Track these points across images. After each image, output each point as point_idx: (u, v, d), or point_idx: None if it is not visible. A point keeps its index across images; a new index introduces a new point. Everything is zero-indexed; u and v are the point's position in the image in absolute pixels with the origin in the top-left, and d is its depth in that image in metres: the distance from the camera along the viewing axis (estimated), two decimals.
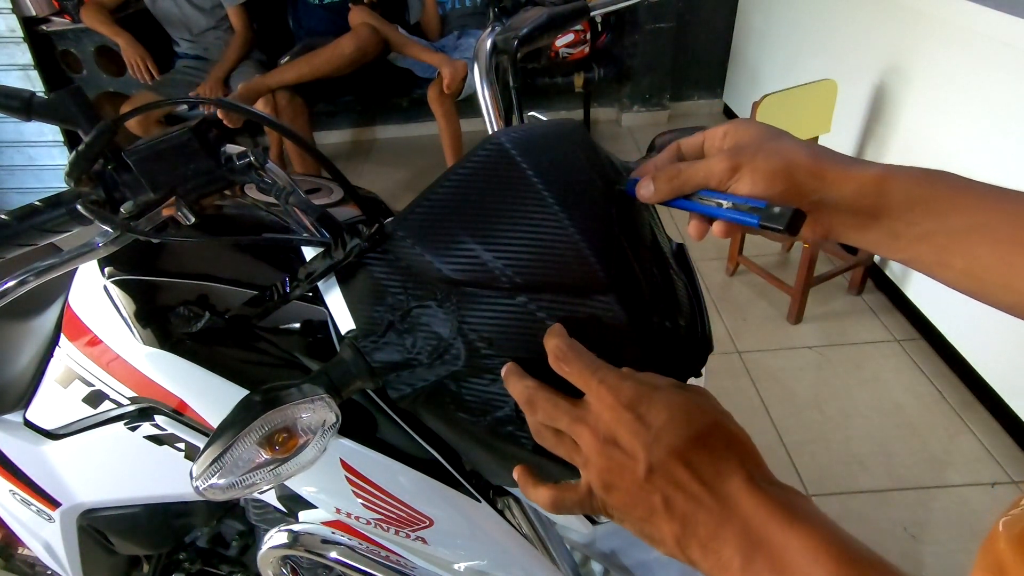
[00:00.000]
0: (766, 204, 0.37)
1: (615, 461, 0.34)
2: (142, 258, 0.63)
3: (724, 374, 1.88)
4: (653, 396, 0.35)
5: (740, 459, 0.33)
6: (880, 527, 1.45)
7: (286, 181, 0.52)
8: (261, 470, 0.45)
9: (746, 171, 0.38)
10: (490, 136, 0.49)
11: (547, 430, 0.39)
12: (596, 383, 0.37)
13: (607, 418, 0.35)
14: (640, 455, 0.33)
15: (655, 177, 0.42)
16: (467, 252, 0.45)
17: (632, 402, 0.35)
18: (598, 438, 0.35)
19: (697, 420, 0.34)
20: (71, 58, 2.84)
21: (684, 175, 0.41)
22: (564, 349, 0.40)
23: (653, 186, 0.42)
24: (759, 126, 0.41)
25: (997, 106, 1.59)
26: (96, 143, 0.44)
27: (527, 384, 0.40)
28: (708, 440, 0.34)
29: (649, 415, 0.34)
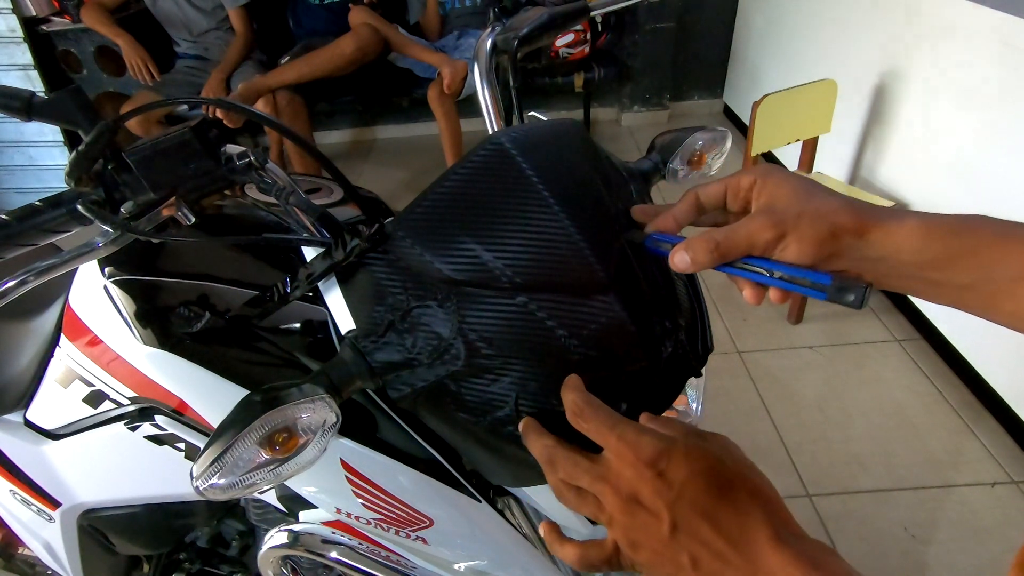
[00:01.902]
0: (831, 280, 0.36)
1: (639, 520, 0.34)
2: (142, 258, 0.63)
3: (724, 374, 1.88)
4: (673, 451, 0.35)
5: (765, 513, 0.33)
6: (880, 527, 1.45)
7: (286, 181, 0.52)
8: (261, 470, 0.45)
9: (792, 239, 0.37)
10: (490, 136, 0.49)
11: (568, 488, 0.39)
12: (615, 439, 0.36)
13: (628, 476, 0.35)
14: (664, 514, 0.33)
15: (691, 246, 0.40)
16: (467, 252, 0.45)
17: (652, 459, 0.34)
18: (620, 497, 0.35)
19: (719, 474, 0.34)
20: (71, 58, 2.84)
21: (724, 246, 0.39)
22: (581, 405, 0.39)
23: (689, 256, 0.40)
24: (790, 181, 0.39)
25: (997, 106, 1.59)
26: (96, 143, 0.44)
27: (546, 443, 0.40)
28: (731, 495, 0.33)
29: (670, 472, 0.34)
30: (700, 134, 0.62)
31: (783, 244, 0.37)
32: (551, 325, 0.44)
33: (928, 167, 1.87)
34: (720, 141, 0.64)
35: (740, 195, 0.42)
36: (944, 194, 1.81)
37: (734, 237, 0.39)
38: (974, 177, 1.69)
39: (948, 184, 1.79)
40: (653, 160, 0.61)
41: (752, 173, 0.41)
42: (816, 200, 0.38)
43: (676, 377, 0.50)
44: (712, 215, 0.45)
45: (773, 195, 0.39)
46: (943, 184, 1.81)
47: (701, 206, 0.44)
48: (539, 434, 0.41)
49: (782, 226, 0.37)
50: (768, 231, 0.38)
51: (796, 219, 0.37)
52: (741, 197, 0.42)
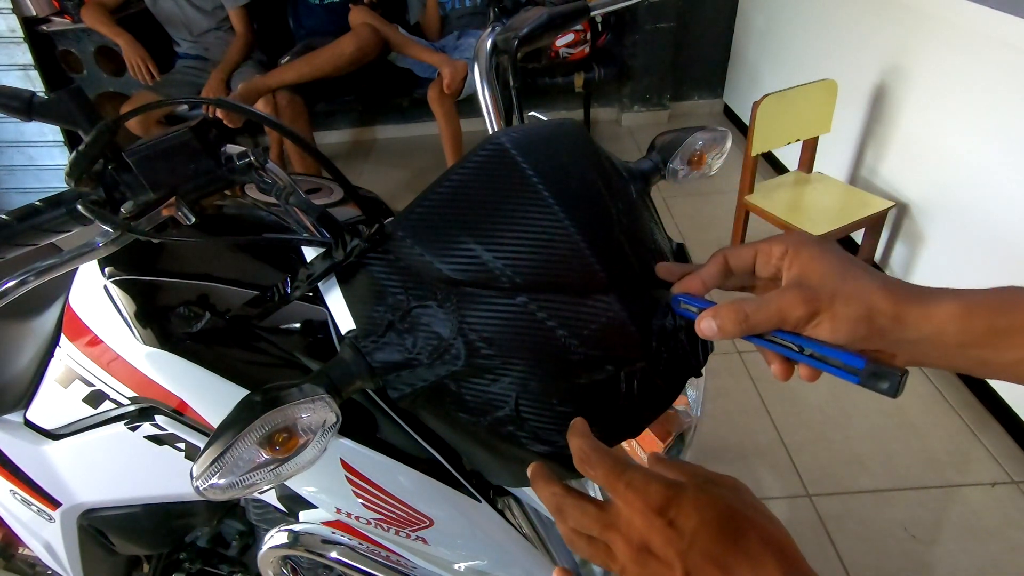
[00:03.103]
0: (865, 364, 0.36)
1: (651, 569, 0.34)
2: (142, 258, 0.63)
3: (725, 374, 1.88)
4: (683, 499, 0.34)
5: (777, 560, 0.32)
6: (880, 527, 1.45)
7: (286, 181, 0.52)
8: (261, 470, 0.45)
9: (825, 318, 0.36)
10: (490, 136, 0.49)
11: (579, 536, 0.38)
12: (623, 487, 0.36)
13: (638, 524, 0.34)
14: (676, 564, 0.33)
15: (719, 314, 0.39)
16: (467, 252, 0.45)
17: (662, 507, 0.34)
18: (631, 546, 0.35)
19: (730, 521, 0.34)
20: (71, 58, 2.84)
21: (754, 319, 0.38)
22: (587, 452, 0.38)
23: (716, 325, 0.39)
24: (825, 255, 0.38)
25: (997, 106, 1.59)
26: (96, 143, 0.44)
27: (554, 491, 0.39)
28: (744, 542, 0.33)
29: (680, 519, 0.34)
30: (700, 134, 0.62)
31: (816, 321, 0.37)
32: (551, 325, 0.44)
33: (928, 167, 1.87)
34: (720, 141, 0.64)
35: (771, 262, 0.41)
36: (944, 194, 1.81)
37: (765, 311, 0.38)
38: (974, 177, 1.69)
39: (948, 184, 1.79)
40: (653, 160, 0.61)
41: (784, 242, 0.40)
42: (852, 280, 0.37)
43: (676, 377, 0.50)
44: (739, 279, 0.44)
45: (806, 269, 0.38)
46: (943, 184, 1.81)
47: (729, 269, 0.43)
48: (547, 482, 0.40)
49: (815, 303, 0.37)
50: (800, 307, 0.37)
51: (831, 298, 0.36)
52: (772, 264, 0.41)
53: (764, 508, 0.36)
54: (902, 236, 2.03)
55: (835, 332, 0.36)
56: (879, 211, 1.91)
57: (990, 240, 1.65)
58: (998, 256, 1.63)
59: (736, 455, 1.64)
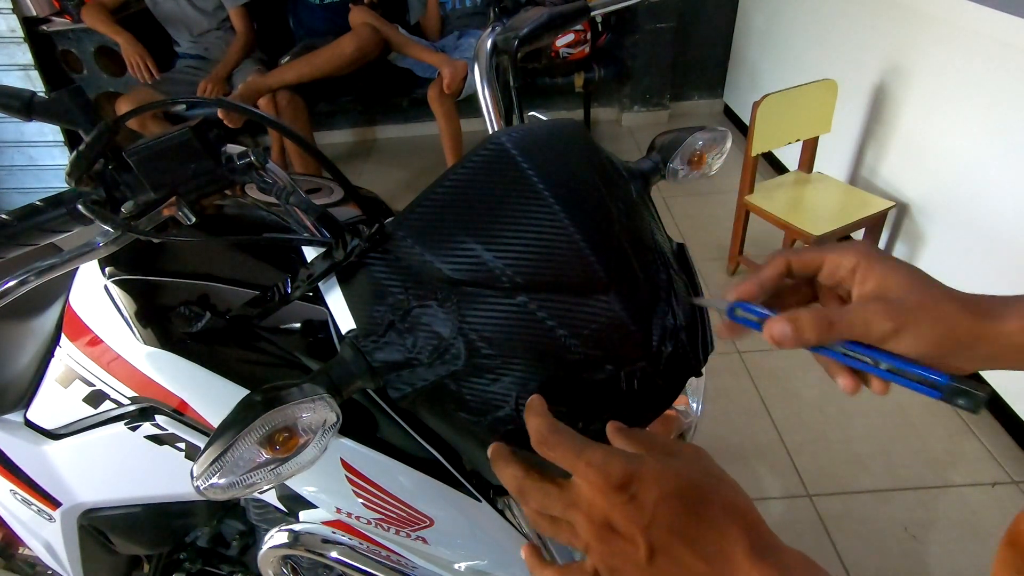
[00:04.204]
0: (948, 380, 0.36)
1: (615, 546, 0.34)
2: (143, 258, 0.63)
3: (725, 374, 1.88)
4: (642, 473, 0.34)
5: (741, 528, 0.33)
6: (880, 527, 1.45)
7: (286, 181, 0.52)
8: (261, 470, 0.45)
9: (909, 333, 0.36)
10: (491, 136, 0.49)
11: (542, 517, 0.38)
12: (583, 466, 0.35)
13: (599, 503, 0.34)
14: (639, 539, 0.33)
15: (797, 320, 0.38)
16: (467, 252, 0.45)
17: (622, 483, 0.34)
18: (594, 524, 0.35)
19: (691, 492, 0.34)
20: (71, 58, 2.85)
21: (837, 328, 0.37)
22: (545, 432, 0.38)
23: (792, 330, 0.38)
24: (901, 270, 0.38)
25: (997, 106, 1.59)
26: (97, 143, 0.44)
27: (515, 473, 0.39)
28: (705, 512, 0.33)
29: (641, 495, 0.33)
30: (700, 134, 0.62)
31: (899, 337, 0.36)
32: (551, 325, 0.44)
33: (928, 167, 1.87)
34: (720, 141, 0.64)
35: (838, 273, 0.39)
36: (944, 194, 1.81)
37: (850, 319, 0.37)
38: (974, 177, 1.69)
39: (948, 184, 1.79)
40: (653, 160, 0.62)
41: (856, 253, 0.39)
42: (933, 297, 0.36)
43: (676, 377, 0.50)
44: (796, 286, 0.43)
45: (884, 283, 0.38)
46: (943, 184, 1.81)
47: (789, 273, 0.42)
48: (507, 462, 0.40)
49: (901, 318, 0.36)
50: (886, 321, 0.36)
51: (915, 313, 0.36)
52: (839, 275, 0.40)
53: (724, 475, 0.36)
54: (902, 236, 2.03)
55: (917, 347, 0.36)
56: (879, 211, 1.91)
57: (990, 240, 1.65)
58: (998, 256, 1.63)
59: (736, 455, 1.64)
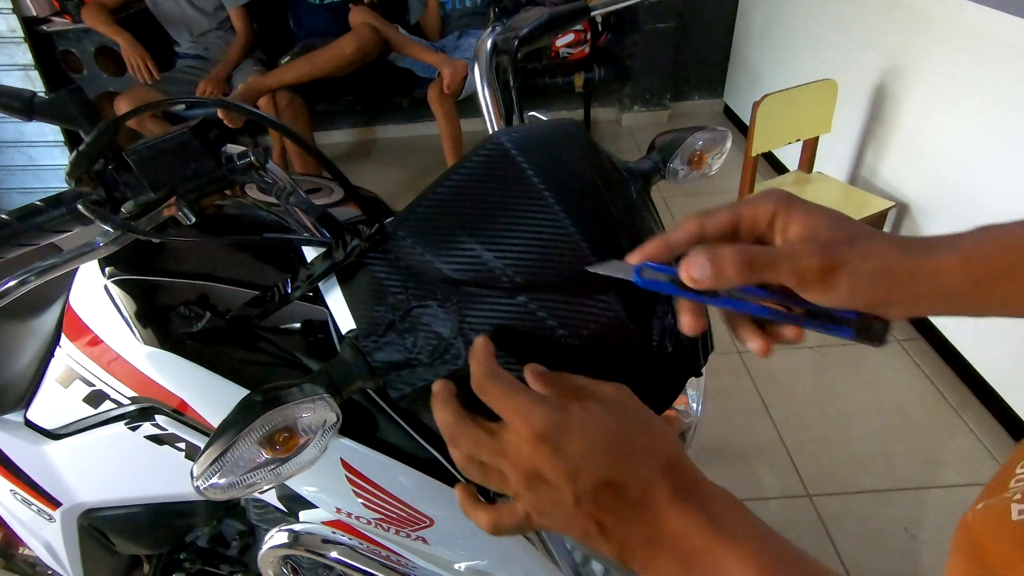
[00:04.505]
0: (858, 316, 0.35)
1: (543, 493, 0.34)
2: (143, 258, 0.63)
3: (725, 374, 1.88)
4: (568, 423, 0.34)
5: (663, 472, 0.33)
6: (880, 527, 1.45)
7: (287, 181, 0.52)
8: (261, 470, 0.45)
9: (843, 276, 0.33)
10: (491, 136, 0.49)
11: (473, 463, 0.38)
12: (511, 412, 0.35)
13: (526, 452, 0.34)
14: (565, 488, 0.33)
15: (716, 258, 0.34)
16: (467, 252, 0.45)
17: (547, 433, 0.34)
18: (521, 472, 0.35)
19: (616, 441, 0.34)
20: (71, 58, 2.85)
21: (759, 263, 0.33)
22: (480, 376, 0.38)
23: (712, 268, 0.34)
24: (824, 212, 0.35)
25: (997, 106, 1.59)
26: (97, 143, 0.44)
27: (447, 418, 0.39)
28: (629, 460, 0.33)
29: (565, 445, 0.33)
30: (700, 134, 0.63)
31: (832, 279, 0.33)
32: (551, 325, 0.44)
33: (928, 167, 1.87)
34: (720, 141, 0.64)
35: (758, 227, 0.36)
36: (944, 194, 1.81)
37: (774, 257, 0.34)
38: (974, 177, 1.69)
39: (948, 184, 1.79)
40: (653, 160, 0.62)
41: (771, 202, 0.35)
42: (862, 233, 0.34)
43: (676, 377, 0.50)
44: None
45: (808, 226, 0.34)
46: (943, 184, 1.81)
47: (703, 237, 0.37)
48: (444, 404, 0.39)
49: (832, 257, 0.33)
50: (816, 257, 0.33)
51: (847, 249, 0.33)
52: (759, 229, 0.36)
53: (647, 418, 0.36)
54: None
55: (853, 290, 0.33)
56: (879, 211, 1.91)
57: None
58: None
59: (736, 455, 1.64)
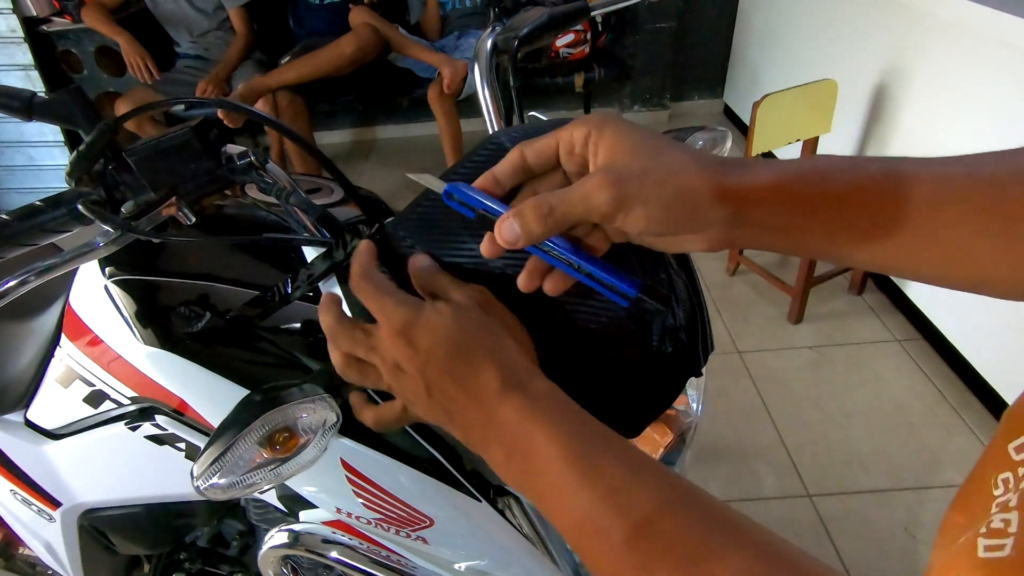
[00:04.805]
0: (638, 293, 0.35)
1: (404, 383, 0.38)
2: (143, 258, 0.63)
3: (724, 374, 1.88)
4: (419, 320, 0.38)
5: (497, 366, 0.36)
6: (880, 527, 1.45)
7: (287, 181, 0.52)
8: (261, 470, 0.45)
9: (636, 204, 0.32)
10: (490, 135, 0.49)
11: (351, 363, 0.41)
12: (378, 311, 0.39)
13: (388, 345, 0.38)
14: (418, 377, 0.37)
15: (521, 213, 0.34)
16: (467, 252, 0.45)
17: (402, 329, 0.38)
18: (387, 365, 0.39)
19: (458, 337, 0.37)
20: (71, 58, 2.84)
21: (559, 212, 0.34)
22: (356, 277, 0.41)
23: (519, 225, 0.34)
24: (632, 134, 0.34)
25: (997, 106, 1.59)
26: (97, 143, 0.44)
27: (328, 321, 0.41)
28: (469, 353, 0.37)
29: (417, 340, 0.37)
30: (700, 134, 0.63)
31: (626, 210, 0.32)
32: (551, 324, 0.44)
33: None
34: (720, 141, 0.64)
35: (575, 151, 0.35)
36: None
37: (570, 199, 0.33)
38: None
39: None
40: None
41: (586, 124, 0.35)
42: (663, 156, 0.33)
43: (676, 377, 0.50)
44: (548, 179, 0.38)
45: (613, 150, 0.33)
46: None
47: (528, 166, 0.37)
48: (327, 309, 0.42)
49: (623, 186, 0.32)
50: (607, 191, 0.32)
51: (640, 178, 0.32)
52: (577, 154, 0.35)
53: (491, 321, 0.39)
54: None
55: (649, 219, 0.32)
56: None
57: None
58: None
59: (736, 455, 1.64)
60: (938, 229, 0.31)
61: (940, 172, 0.32)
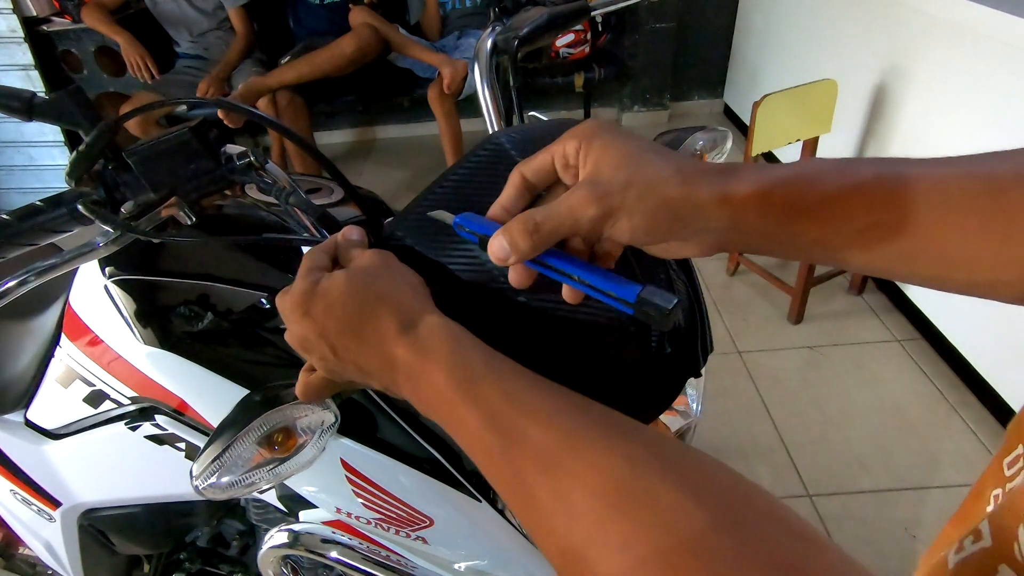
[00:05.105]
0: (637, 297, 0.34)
1: (315, 352, 0.40)
2: (143, 258, 0.63)
3: (725, 374, 1.88)
4: (313, 291, 0.39)
5: (390, 312, 0.37)
6: (880, 527, 1.45)
7: (286, 181, 0.52)
8: (261, 469, 0.45)
9: (621, 215, 0.33)
10: (490, 136, 0.49)
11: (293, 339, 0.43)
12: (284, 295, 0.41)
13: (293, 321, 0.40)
14: (322, 343, 0.39)
15: (508, 230, 0.35)
16: (466, 251, 0.45)
17: (301, 302, 0.39)
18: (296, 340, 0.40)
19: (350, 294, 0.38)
20: (71, 58, 2.84)
21: (545, 228, 0.34)
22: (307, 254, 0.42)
23: (507, 242, 0.35)
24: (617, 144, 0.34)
25: (998, 106, 1.59)
26: (97, 143, 0.44)
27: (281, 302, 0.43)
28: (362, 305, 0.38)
29: (313, 309, 0.39)
30: (700, 134, 0.63)
31: (611, 222, 0.33)
32: (550, 324, 0.44)
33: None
34: (721, 141, 0.64)
35: (570, 164, 0.36)
36: None
37: (554, 215, 0.34)
38: None
39: None
40: None
41: (574, 136, 0.35)
42: (646, 167, 0.33)
43: (676, 377, 0.50)
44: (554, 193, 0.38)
45: (599, 162, 0.34)
46: None
47: (531, 186, 0.38)
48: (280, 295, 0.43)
49: (607, 200, 0.33)
50: (591, 206, 0.33)
51: (623, 191, 0.32)
52: (572, 166, 0.36)
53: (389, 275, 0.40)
54: None
55: (633, 230, 0.33)
56: None
57: None
58: None
59: (736, 455, 1.64)
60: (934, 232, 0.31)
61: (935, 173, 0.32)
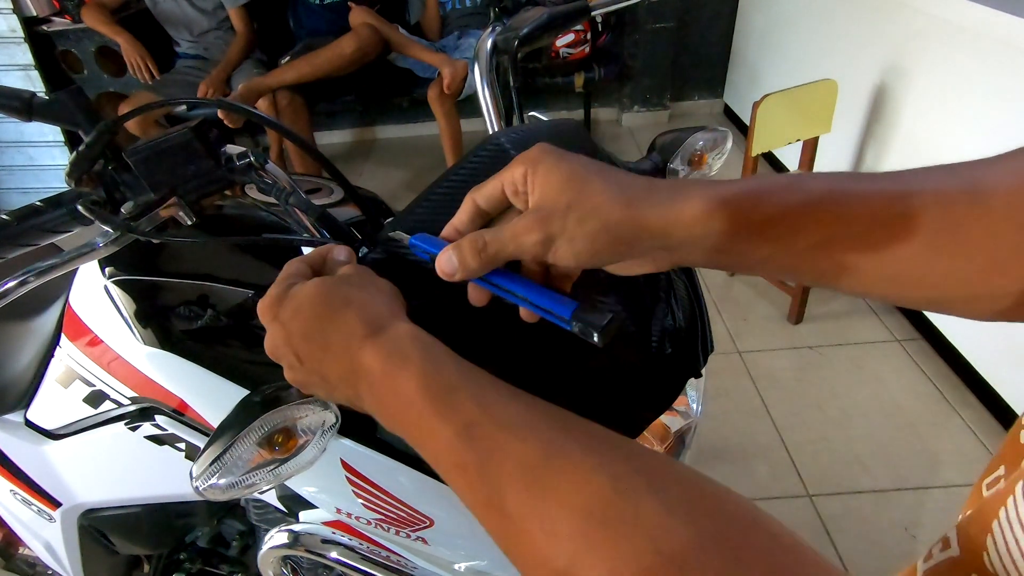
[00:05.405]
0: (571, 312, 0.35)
1: (285, 360, 0.40)
2: (143, 258, 0.63)
3: (725, 374, 1.88)
4: (282, 300, 0.39)
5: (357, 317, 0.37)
6: (880, 527, 1.45)
7: (286, 181, 0.52)
8: (261, 470, 0.45)
9: (562, 240, 0.33)
10: (490, 136, 0.49)
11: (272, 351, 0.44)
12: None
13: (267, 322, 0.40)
14: (288, 350, 0.39)
15: (459, 247, 0.36)
16: None
17: (270, 306, 0.40)
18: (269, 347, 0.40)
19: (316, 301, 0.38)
20: (72, 58, 2.84)
21: (492, 248, 0.35)
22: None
23: (456, 259, 0.36)
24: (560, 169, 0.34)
25: (998, 106, 1.59)
26: (97, 143, 0.44)
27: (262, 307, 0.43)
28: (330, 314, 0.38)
29: (282, 316, 0.39)
30: (701, 134, 0.62)
31: (554, 248, 0.34)
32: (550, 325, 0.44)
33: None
34: (721, 141, 0.64)
35: (519, 191, 0.36)
36: None
37: (500, 239, 0.35)
38: None
39: None
40: (654, 160, 0.61)
41: (522, 162, 0.36)
42: (588, 192, 0.33)
43: (676, 377, 0.50)
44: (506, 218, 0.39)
45: (543, 188, 0.34)
46: None
47: (483, 212, 0.39)
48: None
49: (548, 226, 0.33)
50: (533, 232, 0.34)
51: (563, 217, 0.33)
52: (521, 192, 0.36)
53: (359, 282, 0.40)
54: None
55: (576, 254, 0.34)
56: None
57: None
58: None
59: (736, 455, 1.64)
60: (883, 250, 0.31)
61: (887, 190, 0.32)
